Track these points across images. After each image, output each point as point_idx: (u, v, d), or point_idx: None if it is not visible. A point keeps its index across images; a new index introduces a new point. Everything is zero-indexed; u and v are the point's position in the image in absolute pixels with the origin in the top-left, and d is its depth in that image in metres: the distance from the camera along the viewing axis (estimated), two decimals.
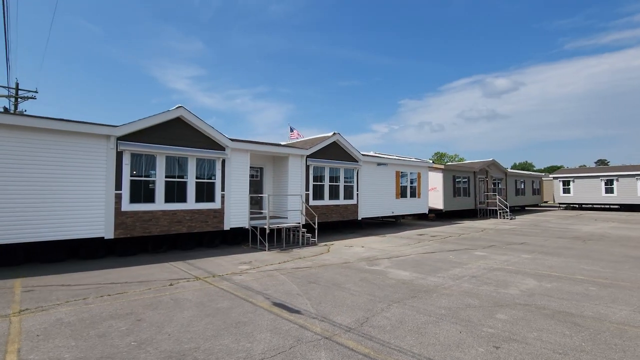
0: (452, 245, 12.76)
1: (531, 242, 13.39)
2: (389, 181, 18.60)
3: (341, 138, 15.76)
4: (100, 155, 9.62)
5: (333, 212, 15.62)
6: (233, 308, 5.74)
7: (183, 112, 11.01)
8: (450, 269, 8.83)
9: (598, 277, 7.89)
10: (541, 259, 10.03)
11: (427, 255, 10.77)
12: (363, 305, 5.92)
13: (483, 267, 9.02)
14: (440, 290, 6.83)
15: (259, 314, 5.47)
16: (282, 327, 4.92)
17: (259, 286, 7.15)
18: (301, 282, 7.51)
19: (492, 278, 7.83)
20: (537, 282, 7.45)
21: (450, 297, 6.37)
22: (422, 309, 5.70)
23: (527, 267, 9.01)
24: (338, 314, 5.45)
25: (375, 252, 11.34)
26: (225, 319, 5.21)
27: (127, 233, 10.01)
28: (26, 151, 8.62)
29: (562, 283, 7.41)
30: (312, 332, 4.72)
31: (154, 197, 10.54)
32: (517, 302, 6.11)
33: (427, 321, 5.16)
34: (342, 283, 7.39)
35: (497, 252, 11.18)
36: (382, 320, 5.21)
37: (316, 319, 5.24)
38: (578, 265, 9.24)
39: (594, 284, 7.35)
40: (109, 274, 8.07)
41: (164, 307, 5.75)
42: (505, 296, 6.45)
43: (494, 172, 28.96)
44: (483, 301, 6.14)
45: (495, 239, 14.48)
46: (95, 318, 5.21)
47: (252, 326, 4.94)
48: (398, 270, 8.61)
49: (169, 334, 4.64)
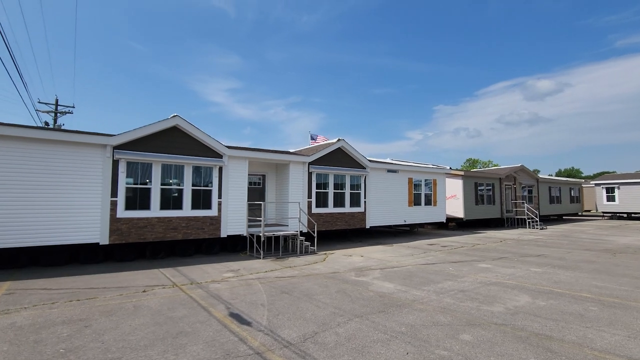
0: (459, 256, 11.94)
1: (550, 255, 12.23)
2: (400, 188, 17.92)
3: (346, 144, 15.42)
4: (97, 164, 10.00)
5: (338, 220, 15.23)
6: (186, 317, 5.60)
7: (179, 121, 11.24)
8: (442, 281, 8.19)
9: (608, 296, 6.95)
10: (551, 273, 9.07)
11: (425, 266, 10.12)
12: (322, 318, 5.57)
13: (480, 280, 8.29)
14: (416, 305, 6.30)
15: (207, 324, 5.28)
16: (220, 339, 4.69)
17: (229, 295, 6.99)
18: (275, 292, 7.25)
19: (482, 293, 7.14)
20: (530, 299, 6.68)
21: (421, 313, 5.84)
22: (382, 326, 5.24)
23: (530, 281, 8.16)
24: (288, 328, 5.14)
25: (372, 262, 10.83)
26: (170, 329, 5.07)
27: (122, 239, 10.27)
28: (28, 160, 9.12)
29: (561, 301, 6.58)
30: (248, 346, 4.46)
31: (150, 204, 10.78)
32: (494, 321, 5.47)
33: (379, 339, 4.72)
34: (316, 294, 7.05)
35: (505, 265, 10.28)
36: (330, 336, 4.83)
37: (261, 332, 4.96)
38: (591, 281, 8.24)
39: (598, 303, 6.47)
40: (94, 279, 8.27)
41: (120, 314, 5.73)
42: (485, 314, 5.81)
43: (524, 179, 27.14)
44: (455, 319, 5.56)
45: (510, 250, 13.40)
46: (48, 323, 5.27)
47: (191, 337, 4.76)
48: (384, 282, 8.11)
49: (103, 342, 4.56)
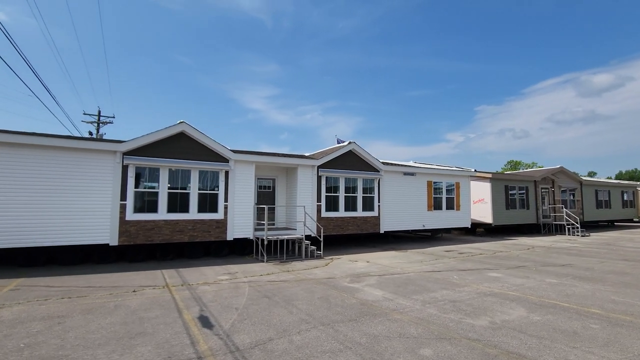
0: (471, 264, 11.19)
1: (577, 264, 11.11)
2: (418, 192, 17.23)
3: (357, 147, 15.11)
4: (107, 169, 10.59)
5: (349, 224, 14.92)
6: (156, 318, 5.69)
7: (185, 127, 11.63)
8: (438, 290, 7.69)
9: (621, 313, 6.13)
10: (567, 285, 8.21)
11: (429, 273, 9.58)
12: (286, 325, 5.41)
13: (480, 290, 7.68)
14: (392, 315, 5.94)
15: (171, 326, 5.33)
16: (173, 341, 4.70)
17: (211, 297, 7.03)
18: (258, 296, 7.20)
19: (474, 304, 6.59)
20: (525, 313, 6.05)
21: (393, 324, 5.48)
22: (343, 336, 4.98)
23: (537, 293, 7.43)
24: (246, 333, 5.05)
25: (375, 268, 10.46)
26: (133, 329, 5.17)
27: (131, 240, 10.77)
28: (45, 166, 9.85)
29: (560, 316, 5.90)
30: (194, 350, 4.42)
31: (157, 207, 11.21)
32: (469, 336, 5.00)
33: (330, 350, 4.48)
34: (297, 300, 6.90)
35: (518, 274, 9.47)
36: (283, 344, 4.67)
37: (217, 336, 4.91)
38: (610, 295, 7.33)
39: (604, 320, 5.71)
40: (96, 279, 8.71)
41: (97, 313, 5.95)
42: (463, 327, 5.34)
43: (564, 181, 25.04)
44: (427, 331, 5.16)
45: (534, 258, 12.35)
46: (28, 318, 5.59)
47: (147, 338, 4.81)
48: (374, 290, 7.77)
49: (63, 339, 4.75)
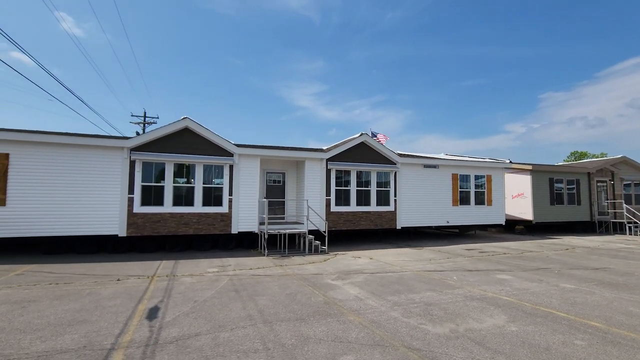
0: (485, 264, 10.13)
1: (617, 269, 9.55)
2: (442, 186, 16.05)
3: (369, 139, 14.43)
4: (117, 164, 11.21)
5: (362, 219, 14.34)
6: (111, 307, 5.82)
7: (189, 123, 11.91)
8: (421, 292, 7.00)
9: (626, 328, 5.05)
10: (583, 292, 7.03)
11: (427, 273, 8.82)
12: (227, 321, 5.20)
13: (469, 294, 6.86)
14: (347, 316, 5.47)
15: (119, 315, 5.40)
16: (105, 331, 4.73)
17: (182, 289, 7.08)
18: (228, 289, 7.11)
19: (449, 309, 5.86)
20: (502, 322, 5.22)
21: (340, 326, 5.03)
22: (274, 336, 4.65)
23: (536, 300, 6.44)
24: (180, 327, 4.92)
25: (373, 265, 9.89)
26: (80, 316, 5.31)
27: (138, 232, 11.32)
28: (62, 163, 10.69)
29: (543, 328, 4.99)
30: (113, 342, 4.39)
31: (163, 200, 11.66)
32: (412, 344, 4.39)
33: (245, 350, 4.18)
34: (263, 295, 6.68)
35: (531, 278, 8.34)
36: (205, 340, 4.46)
37: (150, 328, 4.85)
38: (629, 306, 6.12)
39: (598, 336, 4.72)
40: (97, 267, 9.24)
41: (65, 299, 6.24)
42: (414, 334, 4.72)
43: (627, 173, 21.84)
44: (367, 337, 4.63)
45: (566, 260, 10.86)
46: (2, 301, 6.03)
47: (84, 326, 4.90)
48: (352, 288, 7.29)
49: (11, 321, 5.01)
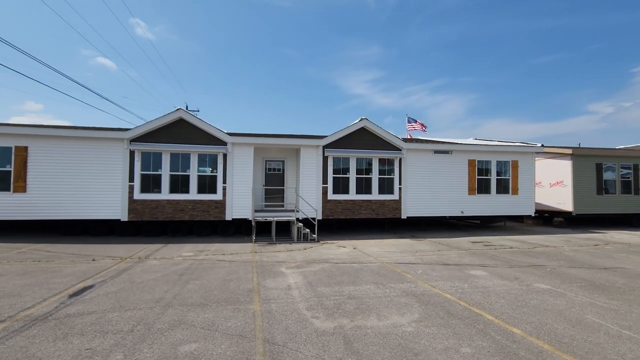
0: (470, 258, 9.19)
1: (631, 269, 8.09)
2: (456, 173, 14.76)
3: (371, 124, 13.72)
4: (118, 154, 12.13)
5: (362, 208, 13.81)
6: (53, 284, 6.35)
7: (182, 114, 12.40)
8: (362, 284, 6.58)
9: (546, 337, 4.21)
10: (553, 293, 6.03)
11: (395, 265, 8.26)
12: (133, 303, 5.39)
13: (411, 289, 6.27)
14: (252, 304, 5.33)
15: (51, 291, 5.89)
16: (18, 305, 5.20)
17: (138, 271, 7.49)
18: (175, 273, 7.36)
19: (368, 303, 5.41)
20: (408, 321, 4.67)
21: (231, 314, 4.92)
22: (153, 320, 4.70)
23: (484, 299, 5.68)
24: (86, 305, 5.23)
25: (348, 256, 9.53)
26: (18, 290, 5.89)
27: (138, 217, 12.19)
28: (71, 154, 11.87)
29: (448, 330, 4.36)
30: (10, 315, 4.80)
31: (160, 188, 12.37)
32: (274, 339, 4.12)
33: (108, 330, 4.28)
34: (200, 280, 6.81)
35: (507, 276, 7.39)
36: (89, 319, 4.68)
37: (61, 305, 5.23)
38: (587, 313, 5.10)
39: (500, 344, 4.00)
40: (89, 248, 10.15)
41: (27, 276, 6.95)
42: (291, 327, 4.43)
43: None
44: (243, 325, 4.46)
45: (577, 258, 9.41)
46: None
47: (11, 299, 5.44)
48: (294, 278, 7.11)
49: None
